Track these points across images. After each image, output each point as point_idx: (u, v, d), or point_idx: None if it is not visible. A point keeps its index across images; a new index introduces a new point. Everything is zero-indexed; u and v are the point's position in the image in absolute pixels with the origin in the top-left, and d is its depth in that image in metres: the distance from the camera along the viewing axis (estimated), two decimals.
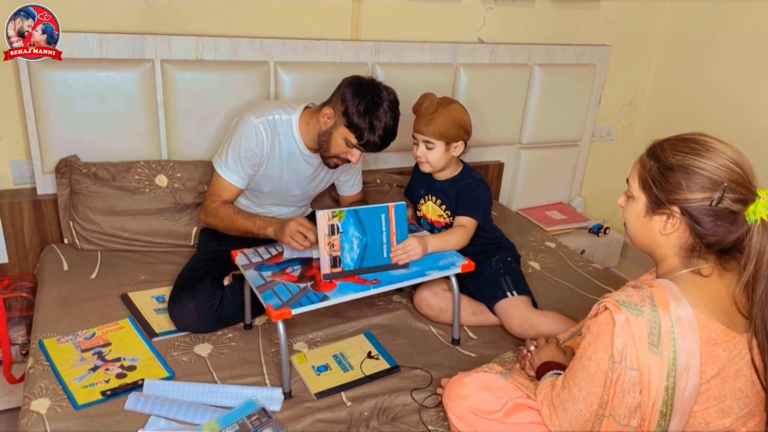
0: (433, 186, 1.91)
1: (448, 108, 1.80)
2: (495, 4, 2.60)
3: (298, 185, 1.96)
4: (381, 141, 1.74)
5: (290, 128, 1.85)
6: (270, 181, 1.91)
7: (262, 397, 1.46)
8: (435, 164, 1.84)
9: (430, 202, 1.93)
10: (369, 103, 1.70)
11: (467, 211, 1.82)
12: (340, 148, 1.78)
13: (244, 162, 1.82)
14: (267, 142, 1.81)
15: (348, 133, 1.73)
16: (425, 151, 1.82)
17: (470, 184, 1.85)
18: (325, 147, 1.80)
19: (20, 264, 2.09)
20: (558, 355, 1.45)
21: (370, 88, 1.74)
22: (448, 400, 1.38)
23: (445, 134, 1.79)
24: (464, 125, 1.82)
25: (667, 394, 1.10)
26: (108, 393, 1.46)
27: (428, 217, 1.95)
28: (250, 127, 1.80)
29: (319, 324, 1.78)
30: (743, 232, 1.12)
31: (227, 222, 1.84)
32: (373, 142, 1.73)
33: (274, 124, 1.83)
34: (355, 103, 1.70)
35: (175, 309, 1.70)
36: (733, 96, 2.71)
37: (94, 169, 2.04)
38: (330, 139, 1.78)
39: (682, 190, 1.13)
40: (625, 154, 3.21)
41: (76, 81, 1.98)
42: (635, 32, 2.95)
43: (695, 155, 1.12)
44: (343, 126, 1.73)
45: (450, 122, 1.78)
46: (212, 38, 2.15)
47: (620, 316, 1.11)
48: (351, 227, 1.56)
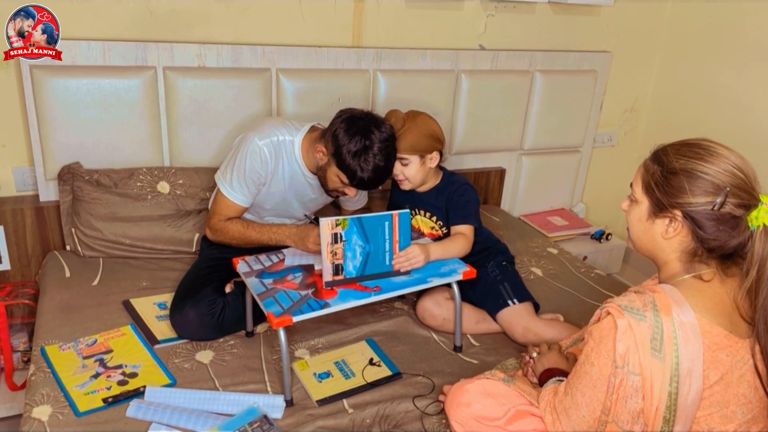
0: (418, 200, 1.90)
1: (415, 121, 1.79)
2: (496, 11, 2.61)
3: (300, 202, 1.96)
4: (372, 182, 1.73)
5: (293, 150, 1.83)
6: (272, 199, 1.91)
7: (264, 404, 1.46)
8: (413, 179, 1.83)
9: (419, 216, 1.92)
10: (359, 145, 1.67)
11: (461, 218, 1.82)
12: (336, 184, 1.78)
13: (249, 183, 1.82)
14: (271, 163, 1.81)
15: (340, 173, 1.72)
16: (401, 168, 1.81)
17: (457, 189, 1.85)
18: (323, 181, 1.81)
19: (22, 271, 2.09)
20: (561, 361, 1.44)
21: (362, 128, 1.69)
22: (451, 407, 1.38)
23: (417, 147, 1.78)
24: (435, 135, 1.81)
25: (670, 399, 1.10)
26: (109, 400, 1.45)
27: (422, 231, 1.93)
28: (254, 148, 1.78)
29: (320, 331, 1.77)
30: (745, 238, 1.13)
31: (239, 239, 1.84)
32: (366, 182, 1.72)
33: (278, 145, 1.81)
34: (346, 144, 1.67)
35: (177, 316, 1.70)
36: (735, 101, 2.71)
37: (96, 176, 2.04)
38: (325, 175, 1.78)
39: (685, 194, 1.13)
40: (626, 160, 3.21)
41: (78, 88, 1.99)
42: (636, 38, 2.96)
43: (699, 160, 1.13)
44: (335, 166, 1.72)
45: (419, 135, 1.78)
46: (214, 45, 2.16)
47: (623, 321, 1.11)
48: (354, 235, 1.56)
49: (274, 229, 1.81)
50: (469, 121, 2.62)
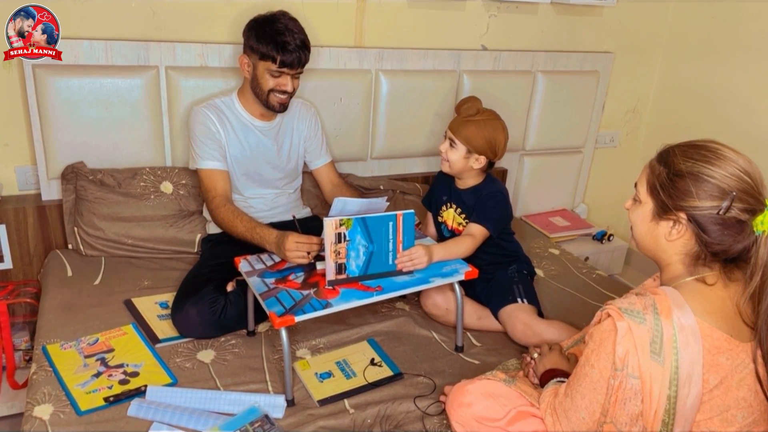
0: (455, 194, 1.92)
1: (486, 120, 1.80)
2: (498, 12, 2.61)
3: (267, 160, 2.03)
4: (295, 50, 1.83)
5: (233, 105, 1.99)
6: (238, 163, 1.99)
7: (265, 403, 1.46)
8: (453, 166, 1.84)
9: (451, 210, 1.93)
10: (267, 28, 1.83)
11: (479, 219, 1.81)
12: (268, 80, 1.87)
13: (208, 142, 1.93)
14: (216, 120, 1.94)
15: (266, 64, 1.84)
16: (447, 147, 1.84)
17: (487, 194, 1.85)
18: (259, 90, 1.90)
19: (24, 270, 2.10)
20: (562, 362, 1.44)
21: (264, 19, 1.87)
22: (452, 408, 1.38)
23: (471, 142, 1.79)
24: (493, 143, 1.80)
25: (669, 402, 1.09)
26: (111, 399, 1.46)
27: (448, 224, 1.94)
28: (196, 114, 1.95)
29: (322, 331, 1.78)
30: (749, 243, 1.12)
31: (229, 227, 1.86)
32: (290, 54, 1.82)
33: (216, 106, 1.97)
34: (256, 35, 1.84)
35: (178, 315, 1.70)
36: (737, 102, 2.71)
37: (100, 175, 2.05)
38: (258, 80, 1.89)
39: (691, 197, 1.12)
40: (628, 161, 3.20)
41: (81, 87, 1.99)
42: (638, 39, 2.95)
43: (705, 162, 1.12)
44: (259, 60, 1.85)
45: (480, 134, 1.78)
46: (216, 45, 2.16)
47: (622, 323, 1.11)
48: (358, 235, 1.56)
49: (258, 229, 1.78)
50: None
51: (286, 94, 1.91)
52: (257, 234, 1.77)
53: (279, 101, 1.92)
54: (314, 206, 2.30)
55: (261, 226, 1.79)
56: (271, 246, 1.73)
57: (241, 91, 2.00)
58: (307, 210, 2.23)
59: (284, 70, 1.85)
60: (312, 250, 1.64)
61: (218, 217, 1.89)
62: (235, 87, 2.05)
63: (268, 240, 1.74)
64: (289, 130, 2.08)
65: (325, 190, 2.19)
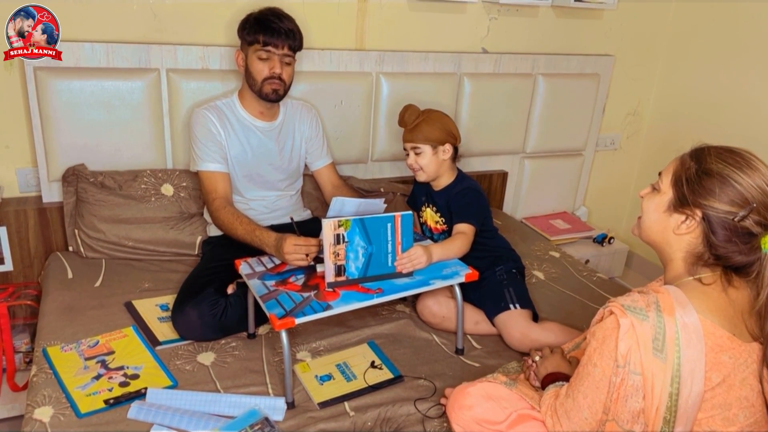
0: (430, 195, 1.97)
1: (430, 115, 1.88)
2: (499, 14, 2.61)
3: (268, 161, 2.04)
4: (280, 29, 1.86)
5: (234, 106, 2.00)
6: (240, 164, 1.99)
7: (265, 406, 1.46)
8: (427, 169, 1.89)
9: (429, 210, 1.97)
10: (255, 17, 1.89)
11: (461, 217, 1.85)
12: (262, 69, 1.89)
13: (209, 144, 1.93)
14: (217, 122, 1.95)
15: (255, 49, 1.88)
16: (415, 157, 1.88)
17: (458, 192, 1.89)
18: (252, 81, 1.92)
19: (25, 272, 2.10)
20: (563, 365, 1.44)
21: (253, 13, 1.92)
22: (452, 410, 1.38)
23: (430, 137, 1.85)
24: (448, 128, 1.89)
25: (670, 400, 1.09)
26: (111, 401, 1.45)
27: (429, 224, 1.99)
28: (197, 116, 1.96)
29: (322, 333, 1.77)
30: (752, 259, 1.13)
31: (229, 229, 1.87)
32: (273, 31, 1.85)
33: (217, 107, 1.98)
34: (244, 25, 1.90)
35: (178, 317, 1.70)
36: (738, 104, 2.71)
37: (101, 177, 2.05)
38: (249, 69, 1.91)
39: (712, 197, 1.13)
40: (629, 164, 3.20)
41: (82, 90, 2.00)
42: (639, 42, 2.96)
43: (736, 168, 1.13)
44: (248, 47, 1.89)
45: (432, 126, 1.86)
46: (218, 48, 2.16)
47: (625, 320, 1.11)
48: (357, 237, 1.56)
49: (258, 232, 1.78)
50: (472, 124, 2.62)
51: (278, 81, 1.91)
52: (257, 236, 1.78)
53: (272, 87, 1.92)
54: (315, 208, 2.30)
55: (260, 229, 1.79)
56: (270, 249, 1.73)
57: (241, 92, 2.01)
58: (307, 212, 2.23)
59: (269, 48, 1.87)
60: (310, 252, 1.64)
61: (218, 219, 1.89)
62: (236, 89, 2.06)
63: (267, 243, 1.74)
64: (291, 131, 2.09)
65: (326, 192, 2.20)
